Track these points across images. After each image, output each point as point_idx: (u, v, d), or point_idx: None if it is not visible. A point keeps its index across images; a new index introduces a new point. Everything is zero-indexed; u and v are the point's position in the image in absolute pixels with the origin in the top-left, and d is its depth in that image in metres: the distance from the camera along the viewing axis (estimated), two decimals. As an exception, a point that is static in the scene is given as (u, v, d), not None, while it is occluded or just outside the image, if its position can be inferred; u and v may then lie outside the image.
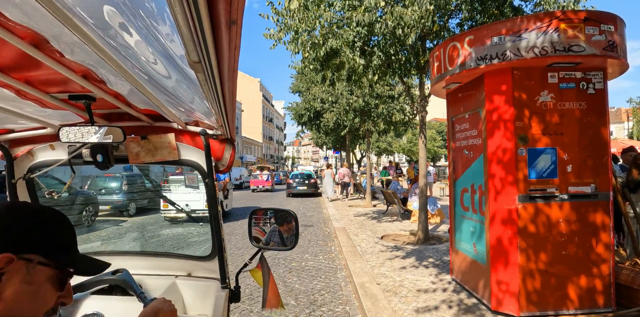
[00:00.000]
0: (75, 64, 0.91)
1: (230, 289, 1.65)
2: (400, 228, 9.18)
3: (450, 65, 4.04)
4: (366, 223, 10.02)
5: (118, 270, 1.56)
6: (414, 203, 10.12)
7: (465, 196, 4.37)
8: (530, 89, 3.62)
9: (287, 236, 1.73)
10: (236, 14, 0.63)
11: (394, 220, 10.44)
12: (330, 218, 11.31)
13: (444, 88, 4.54)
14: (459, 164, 4.57)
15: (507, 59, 3.54)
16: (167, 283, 1.73)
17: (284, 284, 5.27)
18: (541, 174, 3.60)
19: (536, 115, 3.61)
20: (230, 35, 0.69)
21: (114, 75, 0.98)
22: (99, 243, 7.71)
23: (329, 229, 9.82)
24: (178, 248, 7.41)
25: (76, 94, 1.17)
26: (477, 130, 4.08)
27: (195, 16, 0.58)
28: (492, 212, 3.72)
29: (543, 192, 3.58)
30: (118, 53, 0.80)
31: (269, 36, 7.33)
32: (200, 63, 0.77)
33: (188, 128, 1.58)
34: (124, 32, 0.73)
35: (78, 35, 0.67)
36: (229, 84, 0.98)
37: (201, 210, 8.80)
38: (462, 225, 4.48)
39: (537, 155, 3.60)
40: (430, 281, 4.90)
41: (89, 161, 1.46)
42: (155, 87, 1.07)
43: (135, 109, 1.39)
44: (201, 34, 0.65)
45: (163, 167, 6.12)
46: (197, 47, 0.70)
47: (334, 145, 27.16)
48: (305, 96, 18.65)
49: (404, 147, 41.25)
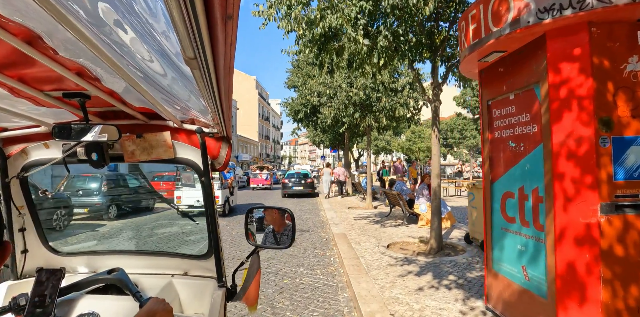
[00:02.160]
0: (69, 61, 0.90)
1: (227, 288, 1.66)
2: (408, 234, 8.13)
3: (495, 24, 2.97)
4: (368, 228, 8.96)
5: (114, 269, 1.56)
6: (422, 206, 9.08)
7: (510, 202, 3.31)
8: (615, 53, 2.56)
9: (283, 235, 1.74)
10: (232, 9, 0.63)
11: (398, 224, 9.39)
12: (328, 222, 10.25)
13: (479, 61, 3.47)
14: (498, 161, 3.50)
15: (586, 7, 2.47)
16: (163, 282, 1.72)
17: (272, 311, 4.20)
18: (631, 174, 2.54)
19: (623, 90, 2.55)
20: (226, 30, 0.69)
21: (109, 73, 0.98)
22: (94, 242, 7.46)
23: (327, 235, 8.75)
24: (174, 247, 7.13)
25: (70, 92, 1.16)
26: (530, 115, 3.02)
27: (191, 11, 0.58)
28: (560, 228, 2.65)
29: (635, 200, 2.53)
30: (113, 50, 0.79)
31: (258, 13, 6.25)
32: (196, 59, 0.77)
33: (184, 126, 1.57)
34: (118, 29, 0.73)
35: (72, 32, 0.66)
36: (225, 81, 0.98)
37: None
38: (503, 240, 3.42)
39: (625, 147, 2.54)
40: (458, 310, 3.83)
41: (84, 160, 1.45)
42: (150, 85, 1.06)
43: (131, 107, 1.38)
44: (197, 30, 0.65)
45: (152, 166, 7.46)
46: (192, 43, 0.70)
47: (331, 143, 26.03)
48: (301, 91, 17.55)
49: (403, 145, 40.21)
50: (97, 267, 1.81)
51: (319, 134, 27.01)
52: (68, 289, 1.50)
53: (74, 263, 1.83)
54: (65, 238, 8.40)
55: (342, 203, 15.53)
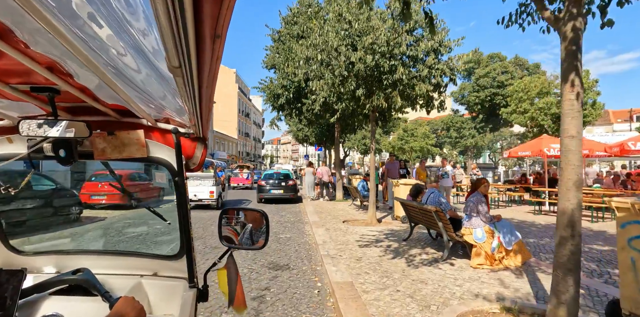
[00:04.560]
0: (40, 55, 0.85)
1: (198, 289, 1.65)
2: (465, 286, 4.54)
3: None
4: (389, 268, 5.34)
5: (79, 269, 1.55)
6: (477, 231, 5.50)
7: None
8: None
9: (257, 236, 1.73)
10: (221, 30, 0.66)
11: (435, 260, 5.80)
12: (318, 249, 6.61)
13: None
14: None
15: None
16: (131, 283, 1.70)
17: None
18: None
19: None
20: (213, 47, 0.72)
21: (82, 68, 0.92)
22: (60, 241, 6.95)
23: (321, 283, 5.08)
24: (144, 247, 6.39)
25: (39, 86, 1.12)
26: None
27: (182, 28, 0.62)
28: None
29: None
30: (86, 45, 0.76)
31: None
32: (181, 68, 0.78)
33: (158, 125, 1.53)
34: (93, 23, 0.70)
35: (44, 25, 0.64)
36: (208, 90, 1.00)
37: (206, 199, 12.83)
38: None
39: None
40: None
41: (51, 156, 1.35)
42: (124, 82, 1.03)
43: (103, 103, 1.31)
44: (185, 44, 0.67)
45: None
46: (179, 54, 0.71)
47: (318, 139, 22.29)
48: (282, 69, 13.85)
49: (395, 144, 36.91)
50: (63, 267, 1.74)
51: (303, 129, 23.31)
52: (31, 291, 1.48)
53: (38, 263, 1.78)
54: (28, 237, 7.06)
55: (332, 212, 11.88)
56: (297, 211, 13.43)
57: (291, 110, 14.23)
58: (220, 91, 52.30)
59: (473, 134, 31.73)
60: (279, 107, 14.71)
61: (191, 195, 12.38)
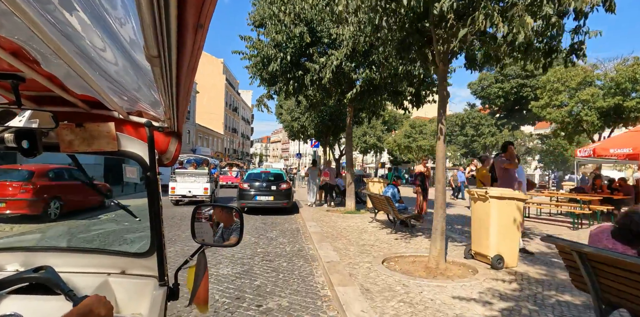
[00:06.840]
0: (4, 39, 0.79)
1: (168, 287, 1.61)
2: None
3: None
4: None
5: (41, 267, 1.47)
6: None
7: None
8: None
9: (230, 233, 1.69)
10: (204, 19, 0.64)
11: None
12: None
13: None
14: None
15: None
16: (97, 281, 1.62)
17: None
18: None
19: None
20: (195, 37, 0.69)
21: (50, 56, 0.86)
22: (22, 237, 6.57)
23: None
24: (111, 244, 6.08)
25: (2, 73, 1.03)
26: None
27: (164, 17, 0.59)
28: None
29: None
30: (56, 31, 0.71)
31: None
32: (159, 58, 0.75)
33: (130, 118, 1.47)
34: (64, 8, 0.67)
35: (10, 7, 0.58)
36: (186, 81, 0.96)
37: (200, 195, 12.96)
38: None
39: None
40: None
41: (12, 147, 1.27)
42: (96, 72, 0.98)
43: (72, 93, 1.23)
44: (166, 34, 0.64)
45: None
46: (158, 43, 0.68)
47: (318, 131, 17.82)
48: (275, 22, 9.44)
49: (400, 142, 32.68)
50: (25, 265, 1.64)
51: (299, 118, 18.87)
52: None
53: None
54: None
55: (351, 236, 7.42)
56: (293, 229, 9.03)
57: (287, 82, 9.79)
58: (206, 81, 47.53)
59: (493, 131, 27.49)
60: (270, 78, 10.25)
61: (186, 191, 12.99)
